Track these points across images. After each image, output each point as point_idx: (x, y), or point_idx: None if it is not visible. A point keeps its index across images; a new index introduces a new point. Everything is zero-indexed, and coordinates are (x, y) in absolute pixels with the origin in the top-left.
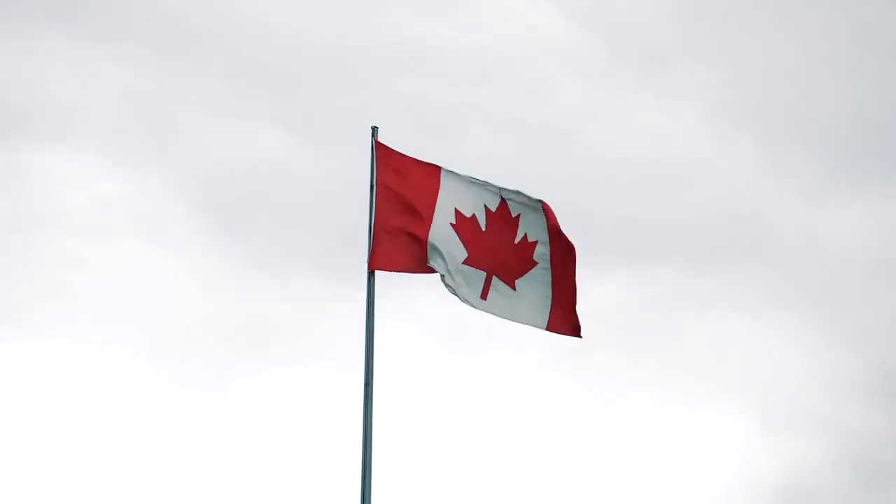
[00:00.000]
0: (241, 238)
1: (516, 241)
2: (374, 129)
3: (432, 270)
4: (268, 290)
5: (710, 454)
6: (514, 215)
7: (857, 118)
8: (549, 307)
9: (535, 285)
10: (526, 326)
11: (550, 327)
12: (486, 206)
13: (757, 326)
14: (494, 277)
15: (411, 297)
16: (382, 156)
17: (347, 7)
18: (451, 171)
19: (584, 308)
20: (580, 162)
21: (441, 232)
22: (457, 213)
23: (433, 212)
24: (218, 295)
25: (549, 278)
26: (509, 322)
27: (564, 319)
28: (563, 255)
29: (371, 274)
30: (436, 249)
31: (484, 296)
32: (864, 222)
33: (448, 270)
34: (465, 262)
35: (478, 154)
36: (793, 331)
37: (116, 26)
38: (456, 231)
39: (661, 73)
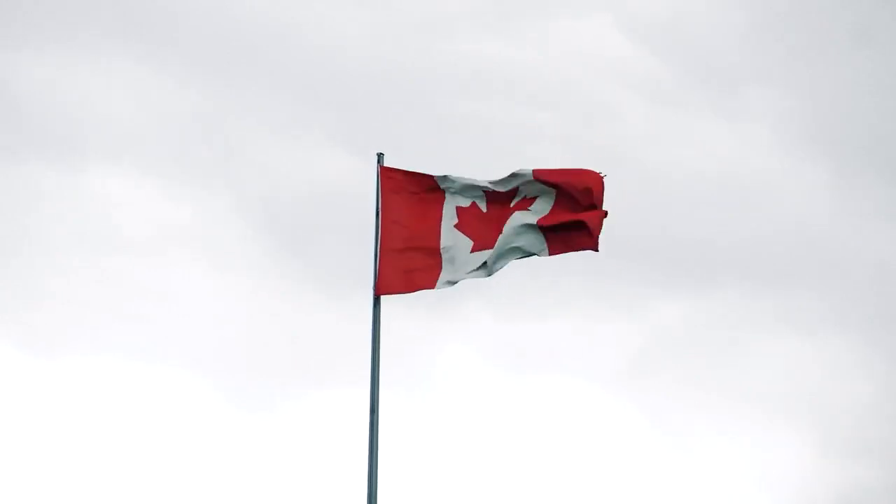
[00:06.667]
0: (300, 260)
1: (512, 204)
2: (380, 156)
3: (432, 286)
4: (326, 312)
5: (767, 477)
6: (512, 187)
7: None
8: (545, 234)
9: (525, 219)
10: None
11: (553, 251)
12: (484, 191)
13: (820, 349)
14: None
15: (473, 320)
16: (388, 181)
17: (411, 29)
18: (454, 176)
19: (648, 329)
20: (646, 184)
21: (448, 240)
22: (458, 210)
23: (440, 227)
24: (275, 316)
25: (548, 206)
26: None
27: (570, 238)
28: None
29: (377, 300)
30: (449, 265)
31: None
32: None
33: (458, 271)
34: (473, 250)
35: None
36: (856, 354)
37: (177, 48)
38: (459, 230)
39: (729, 96)
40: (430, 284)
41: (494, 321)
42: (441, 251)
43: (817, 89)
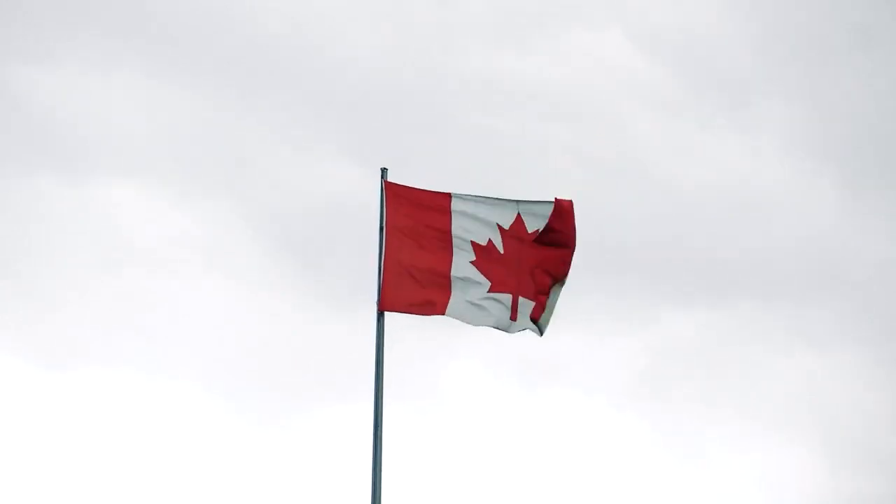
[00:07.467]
0: (311, 273)
1: (529, 235)
2: (384, 171)
3: (442, 312)
4: (336, 323)
5: (776, 490)
6: (530, 231)
7: None
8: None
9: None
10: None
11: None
12: (499, 226)
13: (830, 362)
14: (520, 298)
15: (480, 333)
16: (392, 196)
17: (423, 43)
18: (462, 196)
19: (658, 343)
20: (655, 196)
21: (462, 272)
22: (474, 246)
23: (451, 254)
24: (283, 328)
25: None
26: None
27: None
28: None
29: (381, 315)
30: (462, 297)
31: (514, 317)
32: None
33: (475, 311)
34: (490, 291)
35: (553, 189)
36: (867, 367)
37: (189, 62)
38: (476, 266)
39: (740, 108)
40: (440, 310)
41: (501, 334)
42: (452, 279)
43: (828, 101)
